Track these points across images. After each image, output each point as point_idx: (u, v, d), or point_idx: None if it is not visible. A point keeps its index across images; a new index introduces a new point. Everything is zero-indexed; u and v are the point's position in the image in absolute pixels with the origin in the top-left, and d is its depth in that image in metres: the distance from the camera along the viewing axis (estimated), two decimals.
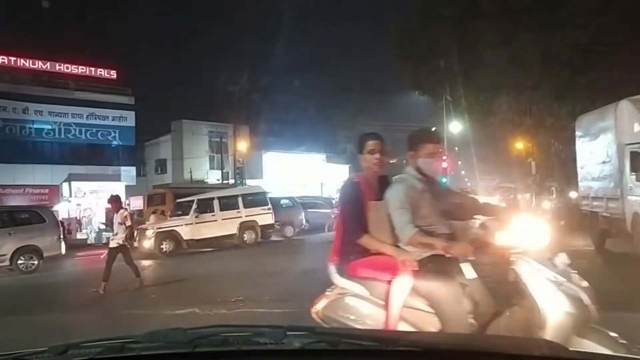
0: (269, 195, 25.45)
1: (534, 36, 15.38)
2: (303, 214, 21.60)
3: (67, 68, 31.37)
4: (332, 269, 3.17)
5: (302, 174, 36.77)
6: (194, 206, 17.12)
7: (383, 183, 3.33)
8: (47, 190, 29.38)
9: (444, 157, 39.86)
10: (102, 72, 32.63)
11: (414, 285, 2.85)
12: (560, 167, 27.71)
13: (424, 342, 1.31)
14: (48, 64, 30.88)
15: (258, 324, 2.36)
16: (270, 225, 18.65)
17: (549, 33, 14.90)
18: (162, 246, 16.25)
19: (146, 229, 16.57)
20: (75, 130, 31.42)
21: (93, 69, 32.24)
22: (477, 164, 43.65)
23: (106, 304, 8.52)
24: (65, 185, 29.66)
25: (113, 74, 32.96)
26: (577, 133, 13.49)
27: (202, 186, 29.26)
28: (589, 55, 14.70)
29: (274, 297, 7.76)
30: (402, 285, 2.85)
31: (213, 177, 35.23)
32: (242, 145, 33.96)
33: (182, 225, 16.82)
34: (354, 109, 46.45)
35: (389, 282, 2.90)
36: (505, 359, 1.22)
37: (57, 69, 31.12)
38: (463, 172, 57.94)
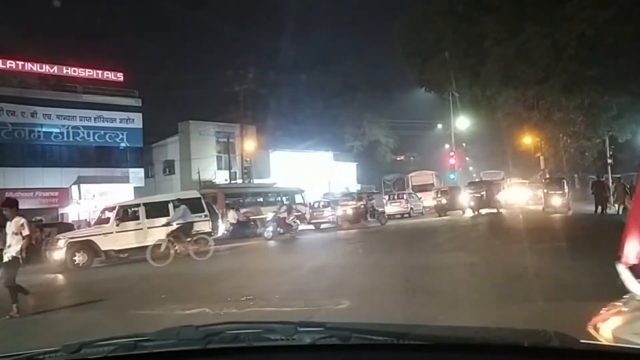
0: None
1: (540, 29, 15.26)
2: (220, 220, 18.98)
3: (75, 71, 31.57)
4: (626, 272, 2.32)
5: (310, 173, 36.79)
6: (115, 213, 15.64)
7: None
8: (57, 193, 29.62)
9: (452, 153, 39.85)
10: (109, 75, 32.82)
11: None
12: (569, 162, 27.53)
13: (434, 335, 1.32)
14: (55, 67, 31.10)
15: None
16: (207, 234, 16.80)
17: (555, 26, 14.78)
18: (74, 258, 14.57)
19: (58, 239, 15.08)
20: (83, 133, 31.63)
21: (100, 71, 32.45)
22: (485, 160, 43.49)
23: (114, 304, 8.54)
24: (74, 188, 29.88)
25: (120, 77, 33.15)
26: None
27: (248, 186, 29.60)
28: (596, 48, 14.58)
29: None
30: None
31: (221, 177, 35.33)
32: (249, 144, 34.04)
33: (100, 234, 15.21)
34: (360, 107, 46.46)
35: None
36: (515, 351, 1.22)
37: (64, 72, 31.32)
38: (471, 168, 57.80)
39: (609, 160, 25.53)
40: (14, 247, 7.71)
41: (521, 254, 10.09)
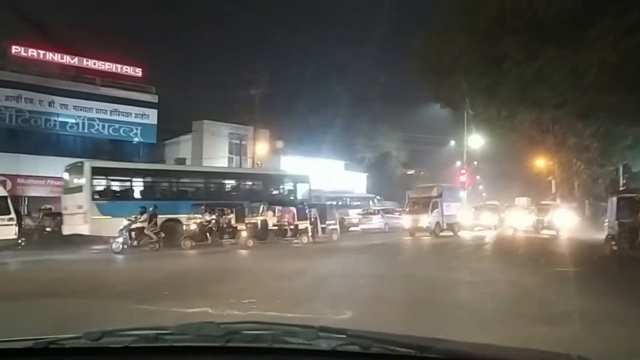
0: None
1: (560, 54, 15.20)
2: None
3: (94, 64, 31.91)
4: None
5: (320, 180, 36.72)
6: None
7: None
8: None
9: (463, 171, 39.68)
10: (128, 70, 33.11)
11: None
12: (581, 188, 27.34)
13: (458, 350, 1.31)
14: (76, 59, 31.42)
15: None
16: (12, 241, 14.28)
17: (576, 51, 14.71)
18: None
19: None
20: (98, 125, 31.90)
21: (119, 66, 32.75)
22: (495, 179, 43.24)
23: (117, 297, 8.55)
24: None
25: (138, 72, 33.44)
26: None
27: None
28: (617, 76, 14.47)
29: None
30: None
31: None
32: (261, 148, 34.12)
33: None
34: (374, 119, 46.45)
35: None
36: None
37: (84, 64, 31.65)
38: (481, 187, 57.51)
39: (622, 189, 25.35)
40: None
41: None
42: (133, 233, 16.99)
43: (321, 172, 38.69)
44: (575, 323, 6.25)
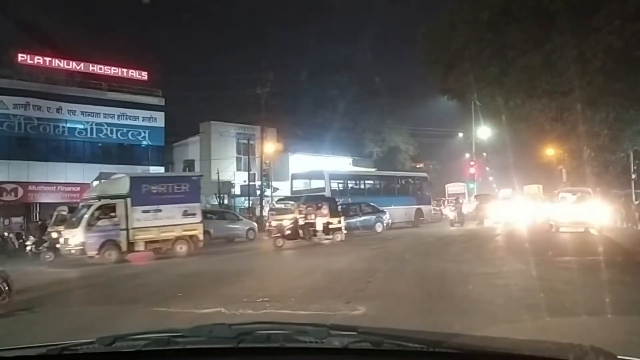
0: None
1: (567, 41, 15.08)
2: None
3: (100, 69, 32.09)
4: None
5: None
6: None
7: None
8: (78, 188, 29.99)
9: (472, 163, 39.53)
10: (134, 74, 33.26)
11: None
12: (592, 175, 27.11)
13: (469, 344, 1.30)
14: (82, 64, 31.62)
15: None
16: None
17: (582, 38, 14.58)
18: None
19: None
20: (106, 130, 32.08)
21: (125, 70, 32.90)
22: (505, 170, 42.99)
23: (131, 301, 8.61)
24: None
25: (144, 75, 33.56)
26: None
27: None
28: (624, 61, 14.33)
29: None
30: None
31: (240, 178, 35.53)
32: (269, 147, 34.15)
33: None
34: (381, 113, 46.35)
35: None
36: None
37: (90, 69, 31.84)
38: (491, 178, 57.19)
39: (633, 176, 25.10)
40: None
41: None
42: None
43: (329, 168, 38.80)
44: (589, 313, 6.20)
